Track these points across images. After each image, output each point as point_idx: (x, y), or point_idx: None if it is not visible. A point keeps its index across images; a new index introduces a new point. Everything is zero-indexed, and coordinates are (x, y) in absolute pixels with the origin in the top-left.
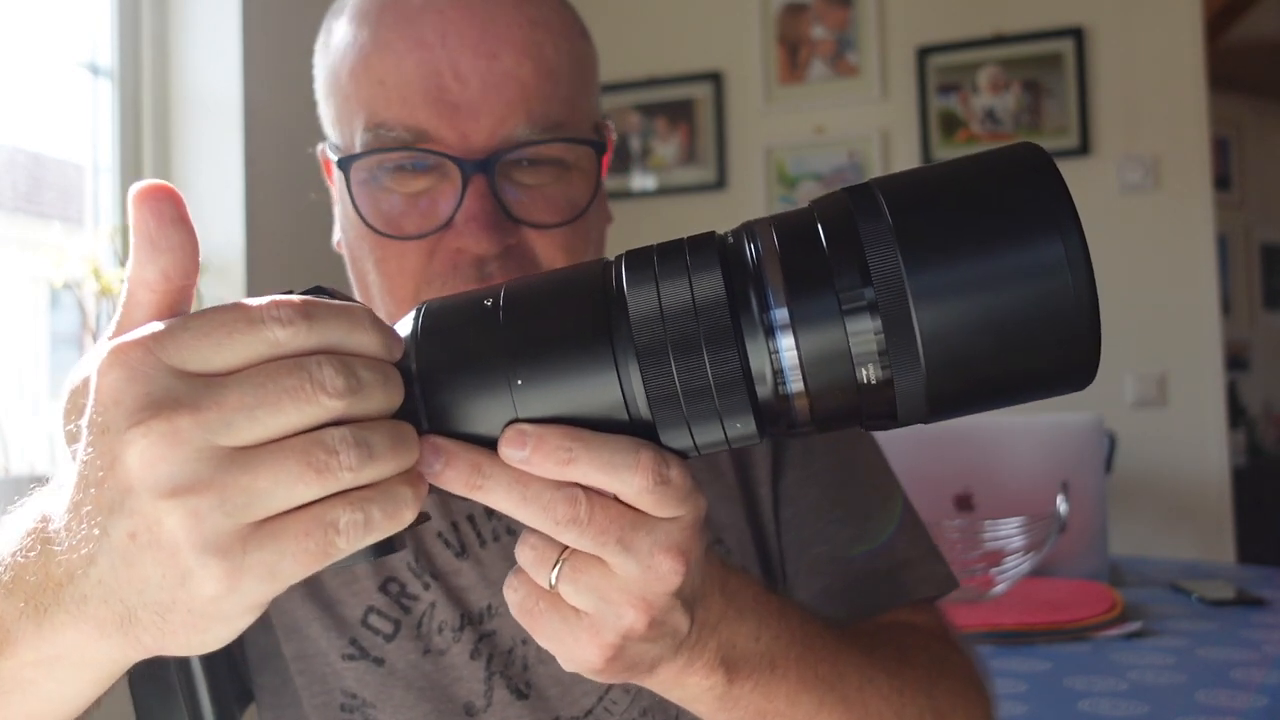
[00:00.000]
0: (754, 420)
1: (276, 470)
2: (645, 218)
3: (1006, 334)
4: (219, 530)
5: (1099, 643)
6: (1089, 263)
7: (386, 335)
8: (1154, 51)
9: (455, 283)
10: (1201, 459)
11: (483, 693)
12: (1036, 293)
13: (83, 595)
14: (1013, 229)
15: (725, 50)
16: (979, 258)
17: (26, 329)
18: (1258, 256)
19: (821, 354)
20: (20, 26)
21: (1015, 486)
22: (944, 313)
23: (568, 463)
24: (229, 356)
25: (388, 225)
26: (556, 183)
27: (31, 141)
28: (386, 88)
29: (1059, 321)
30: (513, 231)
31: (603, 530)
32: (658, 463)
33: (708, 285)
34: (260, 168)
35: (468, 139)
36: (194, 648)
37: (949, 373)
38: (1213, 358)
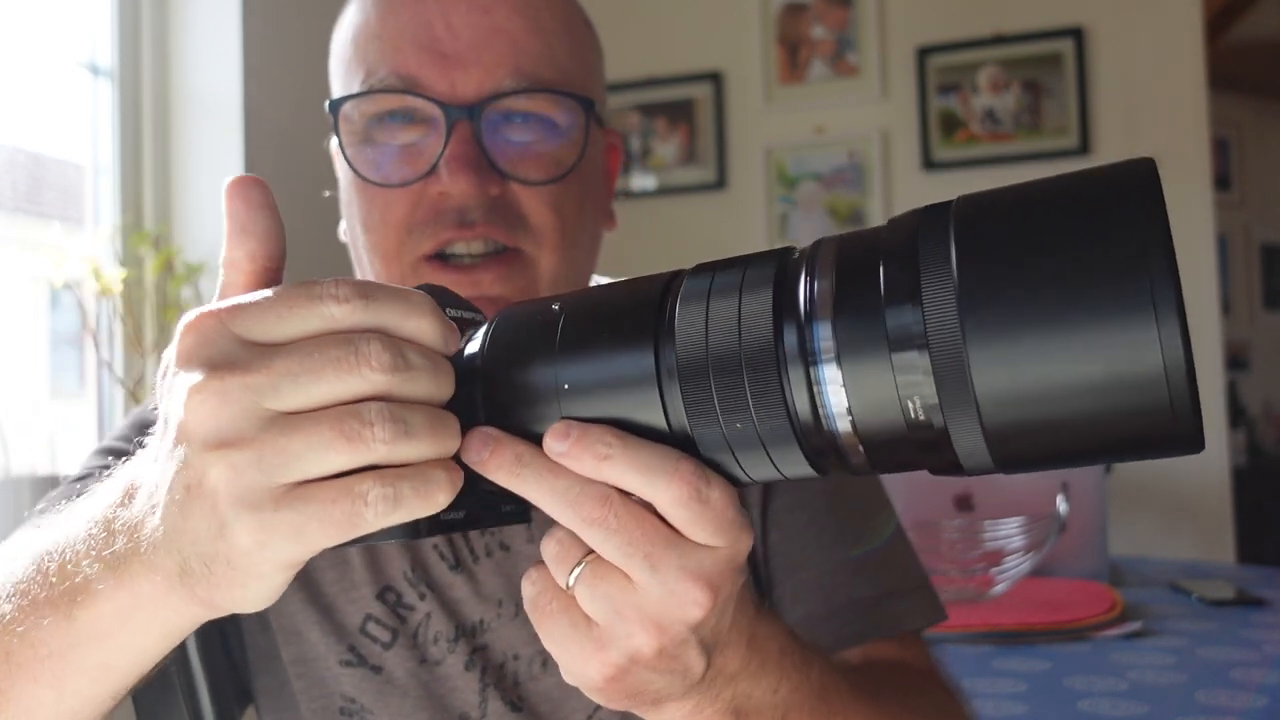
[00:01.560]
0: (803, 458)
1: (311, 435)
2: (645, 218)
3: (1083, 406)
4: (254, 485)
5: (1099, 643)
6: (1184, 326)
7: (444, 327)
8: (1154, 51)
9: (437, 230)
10: (1201, 459)
11: (477, 704)
12: (1118, 367)
13: (152, 544)
14: (1097, 297)
15: (725, 50)
16: (1053, 320)
17: (26, 329)
18: (1258, 256)
19: (870, 400)
20: (20, 26)
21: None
22: (1007, 375)
23: (604, 459)
24: (288, 329)
25: (375, 173)
26: (544, 142)
27: (31, 141)
28: (382, 41)
29: (1145, 396)
30: (497, 182)
31: (630, 540)
32: (698, 477)
33: (755, 305)
34: (260, 168)
35: (456, 88)
36: (239, 603)
37: (1013, 435)
38: (1213, 358)
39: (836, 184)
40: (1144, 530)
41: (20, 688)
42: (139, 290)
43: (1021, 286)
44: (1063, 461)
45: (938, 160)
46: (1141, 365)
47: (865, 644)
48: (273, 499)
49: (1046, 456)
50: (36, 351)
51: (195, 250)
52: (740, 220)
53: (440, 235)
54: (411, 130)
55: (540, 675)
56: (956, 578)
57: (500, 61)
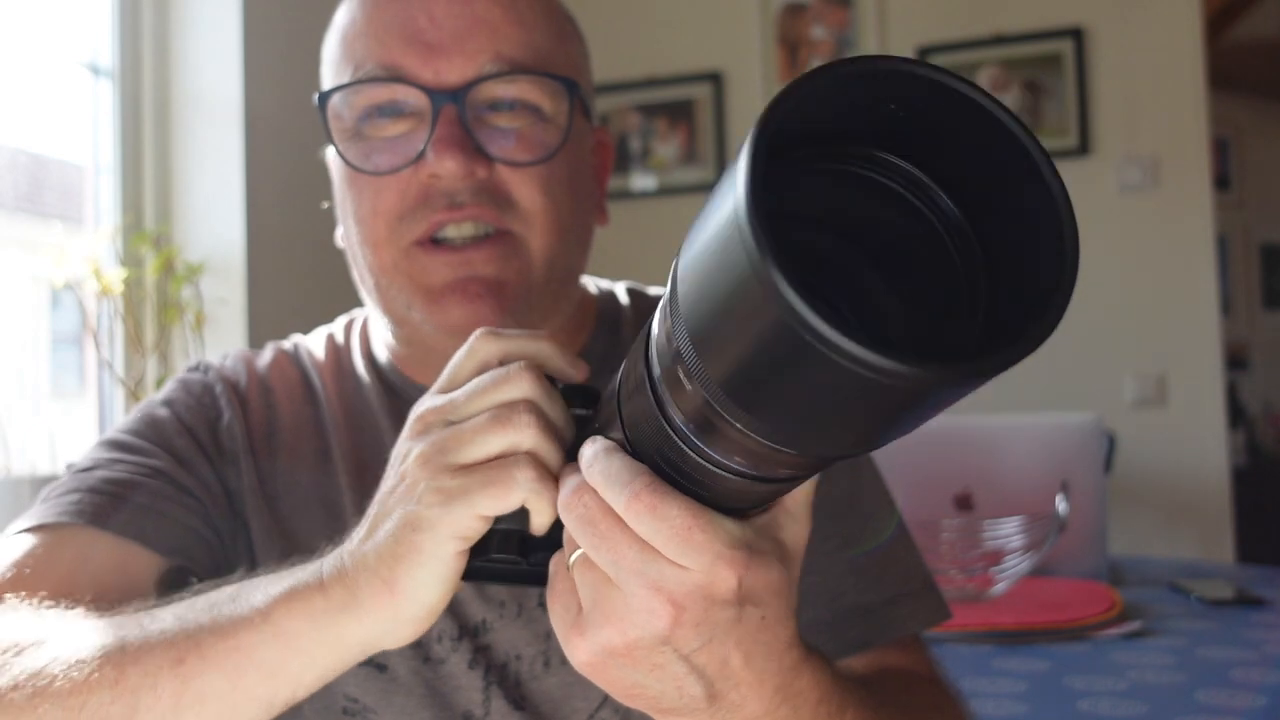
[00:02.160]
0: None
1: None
2: (645, 218)
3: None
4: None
5: (1098, 642)
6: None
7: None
8: (1153, 52)
9: (427, 214)
10: (1201, 459)
11: (481, 701)
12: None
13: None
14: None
15: (725, 50)
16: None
17: (27, 329)
18: (1257, 256)
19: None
20: (21, 27)
21: (1015, 486)
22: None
23: (587, 464)
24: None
25: (364, 164)
26: (531, 127)
27: (33, 142)
28: (368, 36)
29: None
30: (484, 164)
31: (600, 536)
32: (652, 491)
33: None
34: (260, 168)
35: (440, 75)
36: (418, 586)
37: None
38: (1212, 358)
39: None
40: (1144, 530)
41: (202, 677)
42: (139, 290)
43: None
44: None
45: None
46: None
47: (870, 650)
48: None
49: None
50: (37, 351)
51: (195, 250)
52: None
53: (430, 218)
54: (400, 123)
55: (542, 675)
56: (956, 577)
57: (481, 48)
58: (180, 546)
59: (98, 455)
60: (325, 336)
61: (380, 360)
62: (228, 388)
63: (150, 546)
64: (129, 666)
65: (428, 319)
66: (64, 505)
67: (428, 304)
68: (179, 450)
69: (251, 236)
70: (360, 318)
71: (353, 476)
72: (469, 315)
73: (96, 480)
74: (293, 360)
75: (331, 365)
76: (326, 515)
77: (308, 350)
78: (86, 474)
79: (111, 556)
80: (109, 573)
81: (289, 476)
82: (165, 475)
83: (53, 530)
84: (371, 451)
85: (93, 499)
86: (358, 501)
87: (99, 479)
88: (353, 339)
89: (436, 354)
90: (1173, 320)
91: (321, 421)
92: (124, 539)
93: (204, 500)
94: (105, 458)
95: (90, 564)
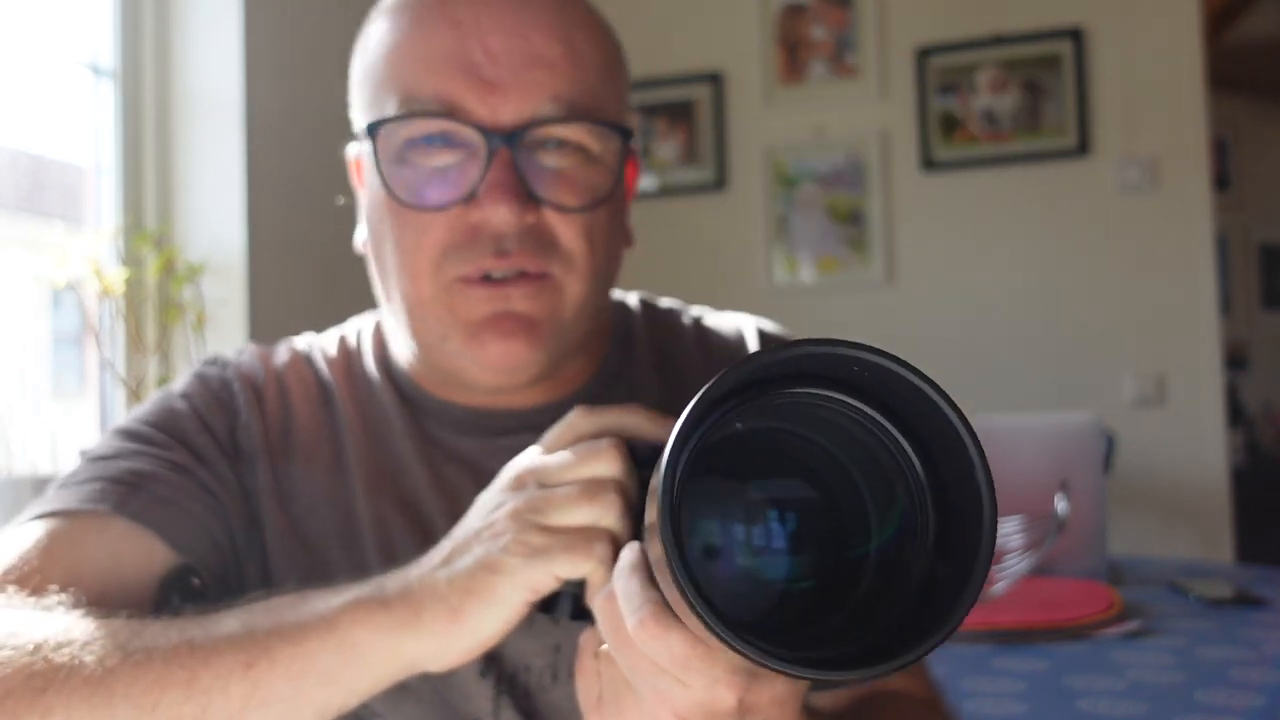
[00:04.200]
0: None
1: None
2: (645, 218)
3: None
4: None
5: (1098, 642)
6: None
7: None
8: (1153, 52)
9: (473, 257)
10: (1200, 459)
11: (491, 710)
12: None
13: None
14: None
15: (725, 50)
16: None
17: (28, 329)
18: (1256, 256)
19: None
20: (22, 27)
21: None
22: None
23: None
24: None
25: (412, 196)
26: (580, 168)
27: (33, 142)
28: (419, 64)
29: None
30: (533, 209)
31: (628, 651)
32: (655, 620)
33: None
34: (261, 168)
35: (496, 114)
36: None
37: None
38: (1212, 358)
39: (836, 184)
40: (1143, 530)
41: (270, 680)
42: (140, 290)
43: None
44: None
45: (937, 161)
46: None
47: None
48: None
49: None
50: (38, 351)
51: (196, 250)
52: (740, 220)
53: (478, 262)
54: (448, 154)
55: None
56: None
57: (539, 87)
58: (192, 543)
59: (118, 445)
60: (338, 338)
61: (396, 369)
62: (245, 386)
63: (166, 539)
64: (200, 668)
65: (464, 352)
66: (88, 493)
67: (466, 338)
68: (198, 448)
69: (252, 236)
70: (371, 323)
71: (367, 482)
72: (505, 352)
73: (119, 470)
74: (308, 361)
75: (345, 369)
76: (339, 520)
77: (322, 351)
78: (108, 462)
79: (130, 544)
80: (128, 561)
81: (303, 479)
82: (185, 470)
83: (73, 517)
84: (386, 457)
85: (116, 489)
86: (372, 507)
87: (122, 469)
88: (365, 343)
89: (464, 381)
90: (1172, 320)
91: (336, 425)
92: (142, 528)
93: (222, 499)
94: (126, 448)
95: (110, 552)
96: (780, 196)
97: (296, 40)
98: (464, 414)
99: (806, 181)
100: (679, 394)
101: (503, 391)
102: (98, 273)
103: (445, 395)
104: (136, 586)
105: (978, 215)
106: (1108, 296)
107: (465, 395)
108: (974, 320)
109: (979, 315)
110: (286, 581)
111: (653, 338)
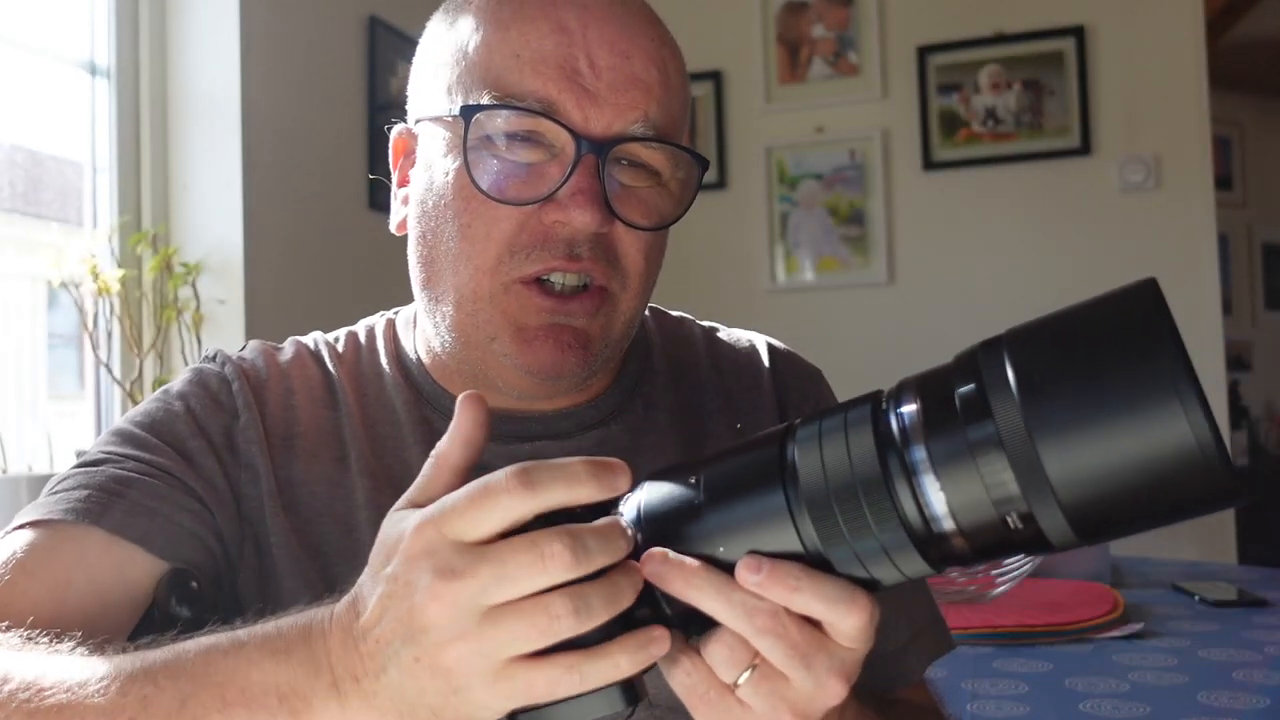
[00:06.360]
0: (919, 557)
1: (515, 628)
2: None
3: (1140, 476)
4: (481, 665)
5: (1100, 644)
6: (1205, 408)
7: (603, 478)
8: (1155, 50)
9: (542, 256)
10: None
11: None
12: (1157, 441)
13: (373, 691)
14: (1129, 385)
15: (725, 50)
16: (1100, 412)
17: (24, 329)
18: (1259, 256)
19: (966, 502)
20: (18, 26)
21: None
22: (1072, 462)
23: (794, 590)
24: (483, 529)
25: (491, 188)
26: (650, 189)
27: (30, 141)
28: (521, 60)
29: (1184, 464)
30: (608, 220)
31: (794, 645)
32: (872, 604)
33: (860, 440)
34: (258, 167)
35: (589, 122)
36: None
37: (1086, 510)
38: (1214, 358)
39: (837, 184)
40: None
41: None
42: (137, 290)
43: (1070, 395)
44: (1133, 527)
45: (938, 160)
46: (1177, 442)
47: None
48: (493, 672)
49: (1118, 524)
50: (34, 351)
51: (193, 250)
52: (740, 220)
53: (548, 263)
54: (533, 151)
55: None
56: (958, 579)
57: (635, 105)
58: (180, 549)
59: (108, 449)
60: (347, 336)
61: (412, 367)
62: (245, 383)
63: (149, 548)
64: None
65: (513, 355)
66: (68, 501)
67: (517, 342)
68: (190, 451)
69: (249, 236)
70: (382, 321)
71: (372, 484)
72: (557, 362)
73: (104, 477)
74: (315, 358)
75: (354, 367)
76: (339, 527)
77: (330, 349)
78: (94, 469)
79: (109, 557)
80: (106, 573)
81: (306, 483)
82: (171, 475)
83: (53, 527)
84: (393, 459)
85: (98, 497)
86: (373, 513)
87: (106, 476)
88: (377, 341)
89: (496, 383)
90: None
91: (340, 426)
92: (122, 539)
93: (209, 504)
94: (115, 452)
95: (87, 564)
96: (781, 196)
97: (294, 39)
98: None
99: (807, 180)
100: (692, 407)
101: (535, 398)
102: (94, 272)
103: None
104: (117, 599)
105: (979, 215)
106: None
107: (489, 398)
108: (975, 320)
109: (980, 315)
110: (289, 583)
111: (666, 349)
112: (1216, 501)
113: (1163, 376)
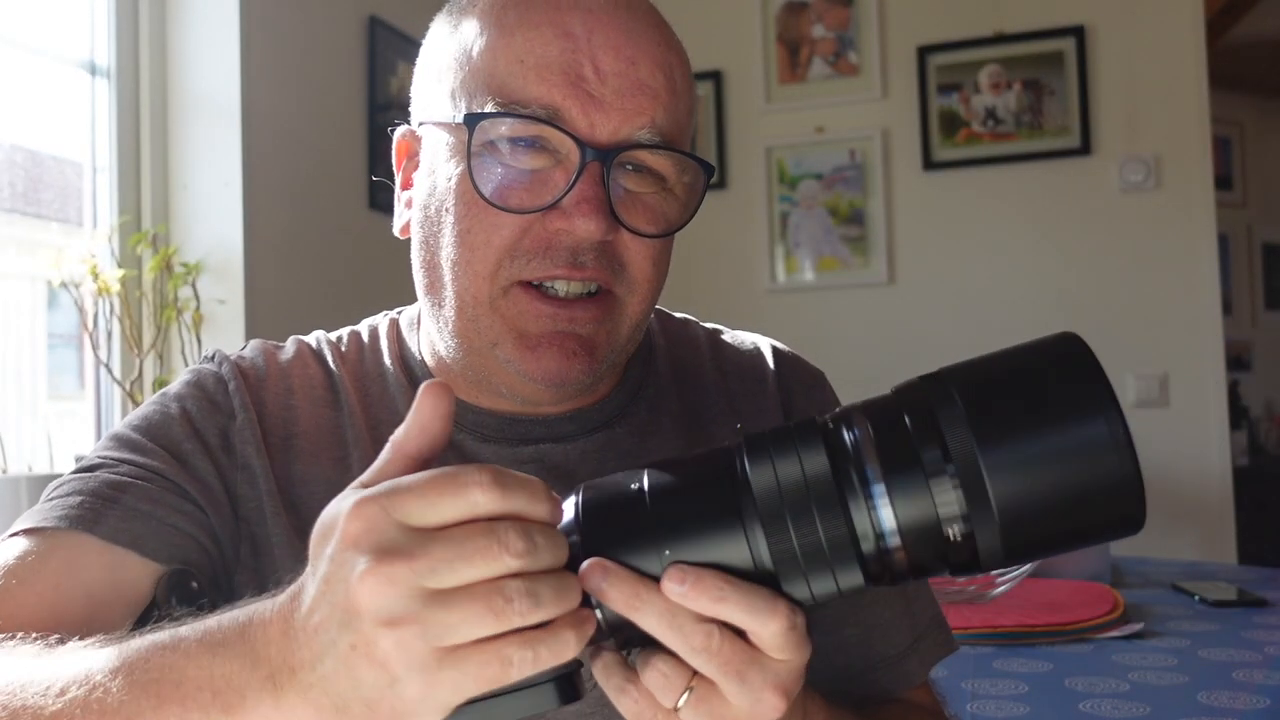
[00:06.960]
0: (860, 572)
1: (465, 611)
2: None
3: (1067, 498)
4: (421, 652)
5: (1100, 644)
6: (1129, 437)
7: (553, 505)
8: (1155, 50)
9: (545, 264)
10: (1203, 459)
11: None
12: (1088, 465)
13: (309, 684)
14: (1065, 414)
15: (725, 50)
16: (1040, 437)
17: (24, 329)
18: (1259, 256)
19: (914, 517)
20: (18, 26)
21: None
22: (1012, 482)
23: (719, 600)
24: (440, 514)
25: (493, 195)
26: (655, 195)
27: (30, 141)
28: (525, 66)
29: (1108, 486)
30: (613, 228)
31: (727, 661)
32: (792, 611)
33: (815, 463)
34: (258, 167)
35: (594, 129)
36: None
37: (1019, 529)
38: (1214, 358)
39: (837, 183)
40: (1145, 531)
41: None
42: (137, 290)
43: (1014, 426)
44: (1051, 549)
45: (938, 160)
46: (1105, 473)
47: (889, 698)
48: (435, 660)
49: (1039, 545)
50: (34, 351)
51: (193, 250)
52: (740, 220)
53: (550, 270)
54: (537, 157)
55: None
56: (958, 579)
57: (640, 111)
58: (175, 551)
59: (104, 454)
60: (350, 335)
61: (415, 368)
62: (243, 385)
63: (142, 552)
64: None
65: (516, 362)
66: (62, 508)
67: (520, 348)
68: (184, 453)
69: (249, 236)
70: (385, 321)
71: None
72: (562, 369)
73: (98, 483)
74: (316, 358)
75: (357, 367)
76: None
77: (332, 348)
78: (89, 475)
79: (102, 561)
80: (100, 578)
81: (306, 482)
82: (165, 478)
83: (45, 535)
84: None
85: (91, 503)
86: None
87: (100, 482)
88: (380, 341)
89: (500, 388)
90: (1174, 320)
91: (342, 426)
92: (115, 545)
93: (204, 505)
94: (110, 457)
95: (80, 570)
96: (781, 196)
97: (294, 39)
98: (488, 419)
99: (807, 180)
100: (696, 410)
101: (539, 403)
102: (94, 272)
103: (470, 399)
104: (111, 602)
105: (979, 215)
106: (1110, 296)
107: (493, 401)
108: (975, 320)
109: (980, 315)
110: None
111: (670, 351)
112: (1124, 529)
113: (1095, 410)
